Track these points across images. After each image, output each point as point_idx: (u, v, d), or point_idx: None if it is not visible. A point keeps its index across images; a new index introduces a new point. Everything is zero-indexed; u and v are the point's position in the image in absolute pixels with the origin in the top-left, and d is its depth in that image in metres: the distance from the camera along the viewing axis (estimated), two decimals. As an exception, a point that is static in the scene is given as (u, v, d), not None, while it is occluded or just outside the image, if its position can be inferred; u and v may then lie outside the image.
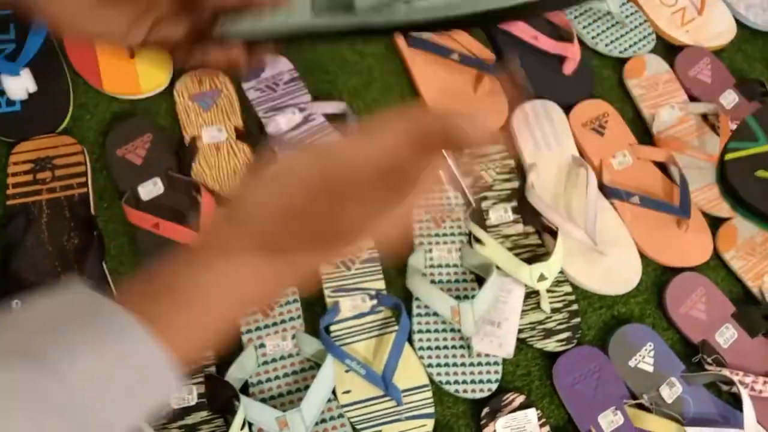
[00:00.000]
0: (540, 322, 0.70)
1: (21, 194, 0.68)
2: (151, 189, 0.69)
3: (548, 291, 0.70)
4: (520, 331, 0.69)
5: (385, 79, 0.81)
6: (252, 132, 0.75)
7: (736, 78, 0.88)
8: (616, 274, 0.73)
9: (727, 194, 0.70)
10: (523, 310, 0.69)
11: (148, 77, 0.75)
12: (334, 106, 0.76)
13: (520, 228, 0.74)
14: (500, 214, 0.74)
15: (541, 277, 0.69)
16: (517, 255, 0.71)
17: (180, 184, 0.70)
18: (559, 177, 0.77)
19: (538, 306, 0.70)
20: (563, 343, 0.69)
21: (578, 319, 0.70)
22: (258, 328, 0.65)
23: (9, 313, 0.27)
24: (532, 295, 0.70)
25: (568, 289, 0.72)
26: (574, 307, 0.71)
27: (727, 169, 0.70)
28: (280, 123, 0.74)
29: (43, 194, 0.68)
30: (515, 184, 0.76)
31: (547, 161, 0.77)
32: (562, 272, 0.72)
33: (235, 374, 0.62)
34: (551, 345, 0.69)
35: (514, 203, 0.74)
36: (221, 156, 0.72)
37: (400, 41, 0.81)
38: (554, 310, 0.70)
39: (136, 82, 0.74)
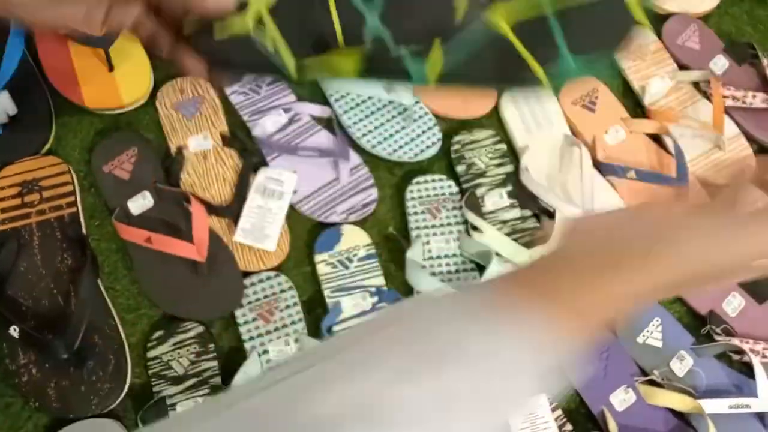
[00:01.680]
0: (544, 306, 0.69)
1: (10, 219, 0.67)
2: (140, 203, 0.68)
3: (550, 274, 0.69)
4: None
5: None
6: (238, 137, 0.74)
7: (725, 42, 0.86)
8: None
9: None
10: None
11: (128, 89, 0.73)
12: (319, 110, 0.75)
13: (517, 212, 0.73)
14: (496, 199, 0.73)
15: (542, 260, 0.68)
16: (516, 240, 0.71)
17: (169, 195, 0.69)
18: (553, 157, 0.76)
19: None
20: (569, 325, 0.68)
21: (583, 300, 0.69)
22: (260, 335, 0.64)
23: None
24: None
25: (570, 270, 0.71)
26: (578, 287, 0.70)
27: None
28: (267, 125, 0.73)
29: (32, 217, 0.68)
30: (509, 169, 0.75)
31: (540, 142, 0.76)
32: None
33: (240, 383, 0.61)
34: (557, 328, 0.68)
35: (509, 188, 0.73)
36: (209, 164, 0.71)
37: None
38: (558, 293, 0.69)
39: (117, 96, 0.73)
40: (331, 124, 0.75)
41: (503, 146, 0.76)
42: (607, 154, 0.77)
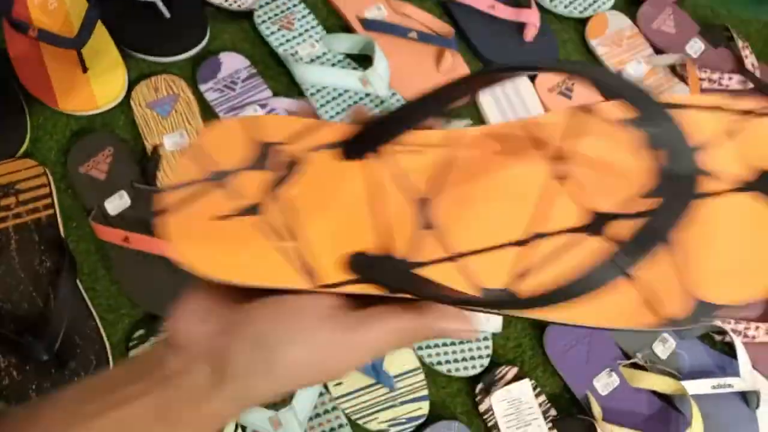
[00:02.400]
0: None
1: (-14, 223, 0.66)
2: (117, 203, 0.68)
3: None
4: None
5: (346, 65, 0.79)
6: (216, 134, 0.73)
7: (700, 25, 0.87)
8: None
9: None
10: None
11: (103, 90, 0.73)
12: (295, 104, 0.75)
13: (496, 200, 0.73)
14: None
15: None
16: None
17: (146, 194, 0.68)
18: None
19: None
20: (551, 310, 0.68)
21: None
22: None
23: None
24: (515, 266, 0.70)
25: (550, 256, 0.71)
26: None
27: None
28: (243, 122, 0.73)
29: (9, 220, 0.67)
30: (487, 157, 0.75)
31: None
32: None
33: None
34: (539, 314, 0.68)
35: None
36: (186, 162, 0.71)
37: (355, 24, 0.79)
38: (539, 279, 0.70)
39: (92, 97, 0.73)
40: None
41: (481, 135, 0.76)
42: (585, 140, 0.77)
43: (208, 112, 0.74)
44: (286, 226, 0.28)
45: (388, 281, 0.27)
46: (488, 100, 0.77)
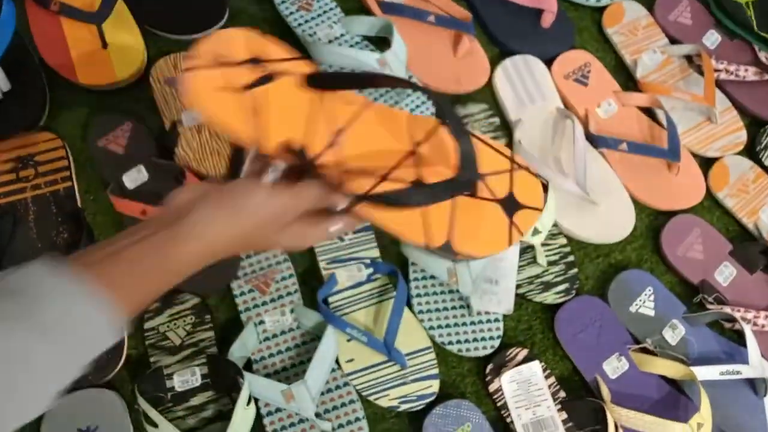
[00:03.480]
0: (537, 276, 0.69)
1: (5, 194, 0.67)
2: (135, 177, 0.68)
3: (543, 244, 0.70)
4: (518, 286, 0.68)
5: (363, 47, 0.80)
6: (233, 112, 0.74)
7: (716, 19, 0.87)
8: (610, 222, 0.73)
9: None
10: (520, 266, 0.69)
11: (122, 65, 0.73)
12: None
13: (510, 184, 0.73)
14: (489, 172, 0.73)
15: (535, 231, 0.68)
16: (509, 211, 0.71)
17: (164, 169, 0.69)
18: (546, 130, 0.76)
19: (534, 260, 0.70)
20: (562, 294, 0.69)
21: (575, 270, 0.70)
22: (256, 306, 0.65)
23: None
24: (528, 249, 0.70)
25: (563, 241, 0.71)
26: (570, 258, 0.71)
27: None
28: (260, 100, 0.73)
29: (27, 192, 0.68)
30: (503, 142, 0.75)
31: (533, 115, 0.76)
32: (556, 225, 0.72)
33: (237, 353, 0.62)
34: (550, 297, 0.69)
35: (503, 160, 0.74)
36: (203, 137, 0.72)
37: (374, 7, 0.79)
38: (551, 263, 0.70)
39: (111, 71, 0.73)
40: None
41: (496, 119, 0.76)
42: (600, 127, 0.77)
43: (226, 90, 0.75)
44: (253, 109, 0.43)
45: (299, 165, 0.43)
46: (505, 87, 0.77)
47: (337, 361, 0.63)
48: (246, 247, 0.43)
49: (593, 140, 0.76)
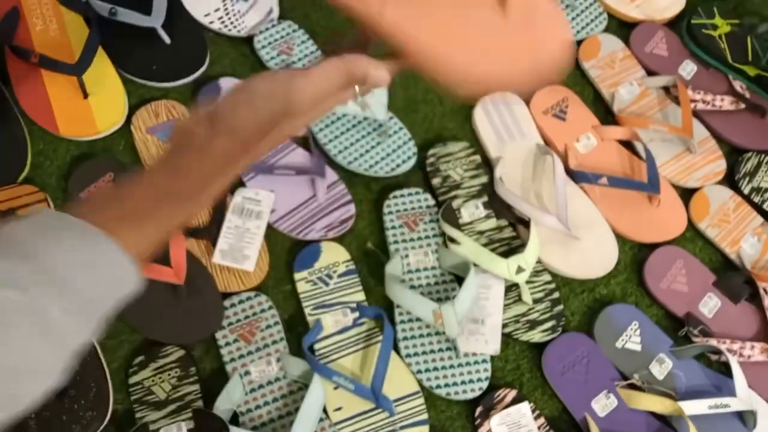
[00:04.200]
0: (523, 314, 0.69)
1: (-13, 249, 0.67)
2: (118, 228, 0.68)
3: (528, 282, 0.70)
4: (504, 325, 0.69)
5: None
6: (215, 158, 0.74)
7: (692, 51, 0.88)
8: (593, 257, 0.73)
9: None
10: (505, 304, 0.69)
11: (103, 115, 0.74)
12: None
13: (493, 222, 0.74)
14: (472, 210, 0.74)
15: (519, 270, 0.68)
16: (493, 250, 0.71)
17: (147, 220, 0.69)
18: (527, 166, 0.77)
19: (519, 298, 0.70)
20: (548, 332, 0.69)
21: (561, 307, 0.70)
22: (241, 356, 0.65)
23: None
24: (512, 288, 0.70)
25: (547, 277, 0.72)
26: (556, 295, 0.71)
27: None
28: (242, 146, 0.74)
29: (9, 247, 0.67)
30: (484, 180, 0.76)
31: (513, 152, 0.77)
32: (539, 262, 0.72)
33: (222, 405, 0.61)
34: (537, 336, 0.69)
35: (485, 198, 0.74)
36: (186, 187, 0.72)
37: None
38: (536, 301, 0.70)
39: (92, 122, 0.73)
40: (306, 142, 0.76)
41: (477, 158, 0.77)
42: (579, 162, 0.78)
43: (207, 137, 0.75)
44: None
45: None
46: (485, 125, 0.78)
47: (325, 410, 0.63)
48: (263, 141, 0.40)
49: (573, 175, 0.76)
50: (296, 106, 0.40)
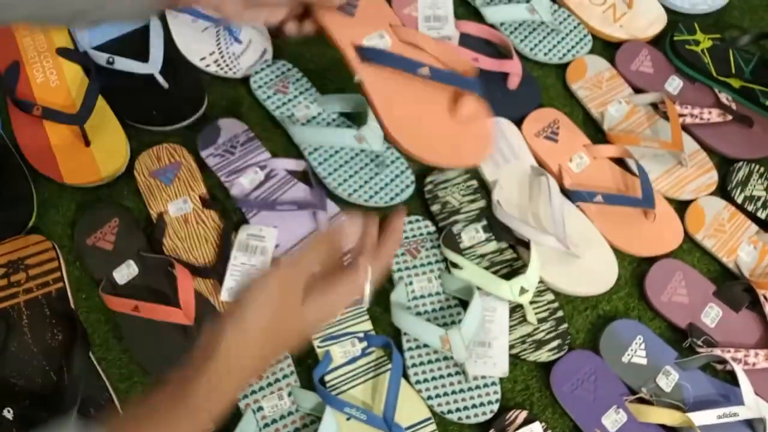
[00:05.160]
0: (529, 335, 0.70)
1: (-3, 300, 0.68)
2: (125, 272, 0.69)
3: (531, 302, 0.71)
4: (511, 346, 0.69)
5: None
6: (218, 197, 0.76)
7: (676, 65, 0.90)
8: (594, 273, 0.75)
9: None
10: (510, 326, 0.70)
11: (106, 162, 0.75)
12: (294, 164, 0.77)
13: (493, 245, 0.75)
14: (472, 234, 0.75)
15: (522, 291, 0.70)
16: (495, 272, 0.73)
17: (153, 262, 0.70)
18: (523, 188, 0.78)
19: (524, 319, 0.71)
20: (555, 351, 0.70)
21: (566, 325, 0.71)
22: (253, 392, 0.65)
23: None
24: (516, 309, 0.71)
25: (550, 297, 0.73)
26: (560, 313, 0.72)
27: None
28: (243, 184, 0.75)
29: (20, 296, 0.68)
30: (482, 204, 0.77)
31: (509, 175, 0.79)
32: (542, 282, 0.73)
33: (237, 443, 0.62)
34: (544, 355, 0.70)
35: (484, 222, 0.76)
36: (190, 226, 0.73)
37: (350, 54, 0.63)
38: (541, 320, 0.71)
39: (96, 169, 0.75)
40: (306, 176, 0.77)
41: (474, 182, 0.78)
42: (574, 181, 0.79)
43: (210, 177, 0.77)
44: None
45: None
46: None
47: (338, 442, 0.63)
48: (277, 350, 0.44)
49: (569, 195, 0.78)
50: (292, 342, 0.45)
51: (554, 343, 0.70)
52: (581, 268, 0.74)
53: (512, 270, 0.74)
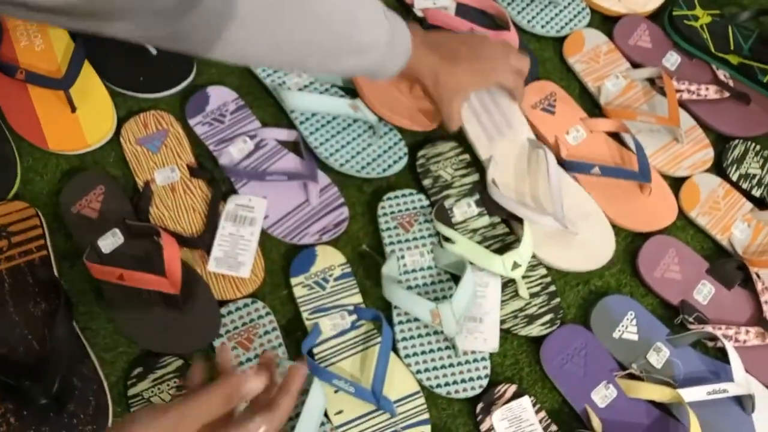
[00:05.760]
0: (521, 309, 0.70)
1: (-21, 268, 0.66)
2: (111, 241, 0.68)
3: (524, 277, 0.71)
4: (503, 321, 0.69)
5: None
6: (206, 166, 0.74)
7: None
8: (592, 249, 0.73)
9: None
10: (502, 300, 0.70)
11: (92, 129, 0.74)
12: (285, 134, 0.76)
13: (486, 220, 0.74)
14: (464, 209, 0.74)
15: (515, 265, 0.69)
16: (487, 247, 0.72)
17: (139, 231, 0.69)
18: (519, 164, 0.77)
19: (516, 294, 0.70)
20: (547, 325, 0.69)
21: (558, 300, 0.71)
22: (240, 363, 0.64)
23: None
24: (509, 284, 0.70)
25: (543, 271, 0.72)
26: (552, 288, 0.71)
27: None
28: (233, 153, 0.74)
29: (1, 264, 0.67)
30: (474, 178, 0.76)
31: (504, 150, 0.77)
32: (534, 256, 0.72)
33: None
34: (536, 330, 0.69)
35: (476, 196, 0.75)
36: (177, 196, 0.72)
37: None
38: (533, 295, 0.70)
39: (81, 136, 0.73)
40: (297, 147, 0.76)
41: (467, 156, 0.77)
42: (570, 153, 0.78)
43: (198, 146, 0.75)
44: None
45: None
46: (471, 120, 0.78)
47: (326, 414, 0.63)
48: None
49: (566, 165, 0.77)
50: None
51: (546, 318, 0.70)
52: (579, 245, 0.73)
53: (504, 245, 0.73)
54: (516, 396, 0.65)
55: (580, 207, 0.75)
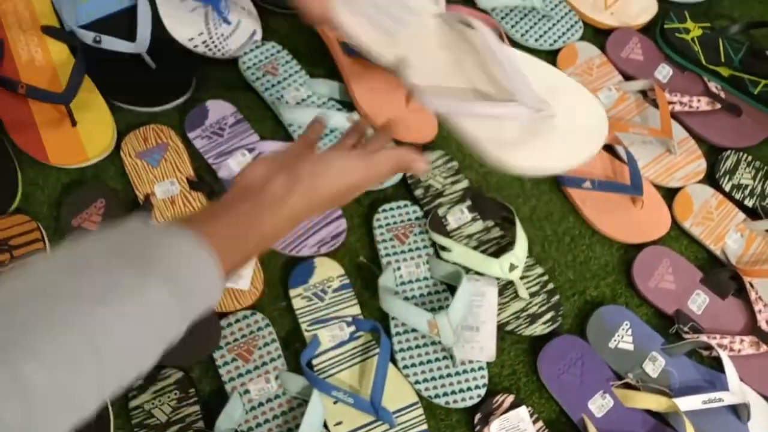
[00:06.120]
0: (522, 310, 0.70)
1: (-20, 281, 0.67)
2: (111, 254, 0.68)
3: (521, 278, 0.72)
4: (505, 323, 0.69)
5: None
6: (205, 180, 0.75)
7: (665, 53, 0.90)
8: (581, 131, 0.57)
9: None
10: (503, 302, 0.70)
11: (92, 142, 0.74)
12: (282, 147, 0.76)
13: (480, 224, 0.75)
14: (458, 216, 0.75)
15: (512, 267, 0.70)
16: (483, 251, 0.73)
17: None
18: (442, 52, 0.58)
19: (516, 295, 0.71)
20: (549, 323, 0.70)
21: (557, 297, 0.71)
22: (240, 375, 0.65)
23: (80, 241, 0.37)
24: (508, 286, 0.71)
25: (539, 270, 0.73)
26: (550, 286, 0.72)
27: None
28: (232, 166, 0.75)
29: (3, 277, 0.67)
30: (465, 184, 0.77)
31: (413, 43, 0.58)
32: (529, 256, 0.73)
33: (223, 425, 0.61)
34: (539, 328, 0.70)
35: (468, 202, 0.75)
36: (177, 208, 0.72)
37: (334, 48, 0.80)
38: (532, 295, 0.71)
39: (82, 150, 0.74)
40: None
41: (455, 163, 0.78)
42: (565, 167, 0.79)
43: (197, 159, 0.76)
44: None
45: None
46: (361, 24, 0.59)
47: (325, 425, 0.63)
48: (328, 207, 0.49)
49: (558, 180, 0.78)
50: (365, 186, 0.50)
51: (548, 316, 0.70)
52: (562, 130, 0.55)
53: (500, 247, 0.74)
54: (513, 406, 0.66)
55: (542, 82, 0.56)
